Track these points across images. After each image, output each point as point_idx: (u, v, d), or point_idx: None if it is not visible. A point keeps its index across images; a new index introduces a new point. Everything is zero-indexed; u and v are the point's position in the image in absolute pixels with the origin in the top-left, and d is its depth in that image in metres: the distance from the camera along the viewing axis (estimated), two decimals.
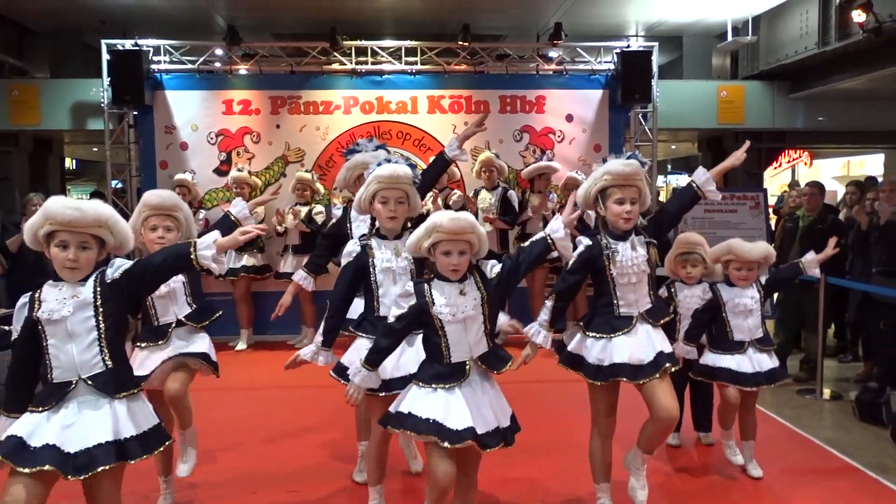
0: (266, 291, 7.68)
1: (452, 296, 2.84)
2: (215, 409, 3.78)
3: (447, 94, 7.99)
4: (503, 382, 3.02)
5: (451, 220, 2.80)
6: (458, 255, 2.83)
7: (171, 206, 3.50)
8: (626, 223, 3.19)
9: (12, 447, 2.43)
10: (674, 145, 16.18)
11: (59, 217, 2.48)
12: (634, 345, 3.17)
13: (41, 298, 2.55)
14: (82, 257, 2.54)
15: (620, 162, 3.17)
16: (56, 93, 10.05)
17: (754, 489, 3.91)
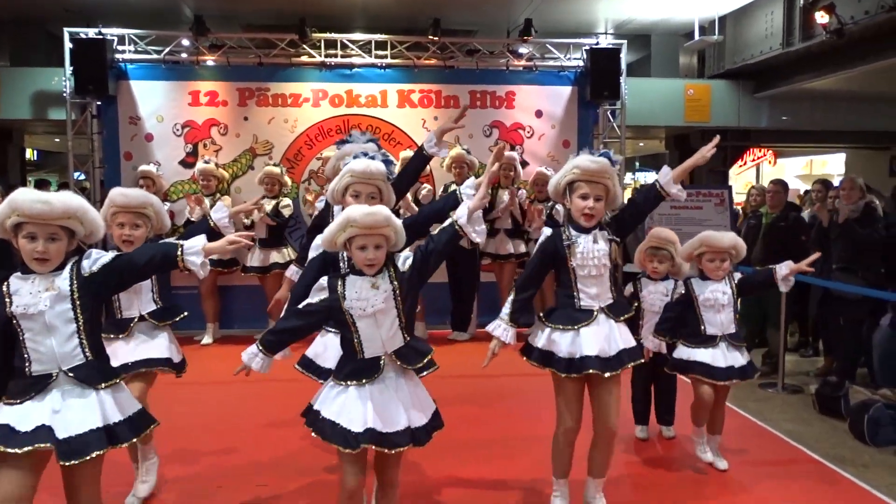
0: (232, 285, 7.62)
1: (364, 290, 2.80)
2: (181, 403, 3.73)
3: (417, 89, 7.98)
4: (469, 376, 3.02)
5: (364, 214, 2.75)
6: (373, 250, 2.78)
7: (137, 206, 3.49)
8: (588, 219, 3.22)
9: (1, 434, 2.40)
10: (642, 142, 16.36)
11: (27, 210, 2.43)
12: (600, 337, 3.20)
13: (11, 292, 2.49)
14: (52, 249, 2.49)
15: (589, 158, 3.20)
16: (17, 81, 9.82)
17: (719, 480, 3.97)
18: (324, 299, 2.82)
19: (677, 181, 3.32)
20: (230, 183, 7.73)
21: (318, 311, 2.84)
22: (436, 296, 7.48)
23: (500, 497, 3.70)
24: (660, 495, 3.77)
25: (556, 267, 3.30)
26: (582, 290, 3.24)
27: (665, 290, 4.36)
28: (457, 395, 5.38)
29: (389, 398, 2.78)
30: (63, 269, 2.54)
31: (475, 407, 5.23)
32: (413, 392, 2.87)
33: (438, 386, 3.21)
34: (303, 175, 7.85)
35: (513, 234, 7.31)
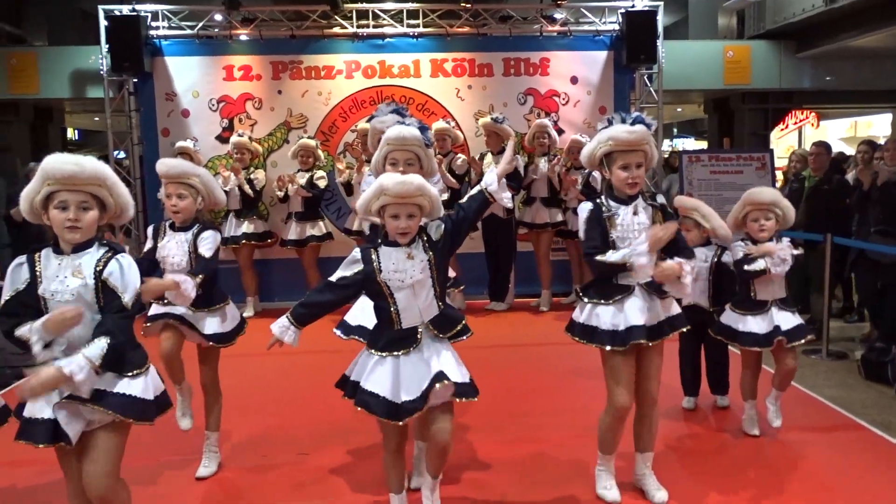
0: (271, 259, 7.70)
1: (400, 261, 2.79)
2: (223, 375, 3.79)
3: (450, 58, 7.90)
4: (508, 345, 3.01)
5: (396, 183, 2.72)
6: (406, 219, 2.76)
7: (177, 175, 3.53)
8: (632, 188, 3.14)
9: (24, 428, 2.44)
10: (679, 107, 16.03)
11: (58, 173, 2.39)
12: (644, 307, 3.13)
13: (43, 273, 2.46)
14: (83, 217, 2.44)
15: (625, 129, 3.09)
16: (54, 61, 9.97)
17: (765, 447, 3.92)
18: (358, 271, 2.81)
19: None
20: (266, 157, 7.78)
21: (353, 284, 2.83)
22: (473, 266, 7.47)
23: (540, 467, 3.71)
24: (710, 466, 3.72)
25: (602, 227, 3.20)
26: (630, 278, 3.14)
27: (704, 256, 4.28)
28: (495, 365, 5.39)
29: (430, 366, 2.77)
30: (91, 247, 2.49)
31: (513, 376, 5.24)
32: (450, 358, 2.86)
33: (476, 355, 3.22)
34: (337, 147, 7.86)
35: (549, 202, 7.24)
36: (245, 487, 3.56)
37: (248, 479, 3.65)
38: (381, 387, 2.76)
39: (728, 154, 7.95)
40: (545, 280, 7.41)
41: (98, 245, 2.51)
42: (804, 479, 3.54)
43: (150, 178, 7.81)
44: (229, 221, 7.32)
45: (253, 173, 7.30)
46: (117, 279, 2.46)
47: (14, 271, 2.49)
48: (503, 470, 3.68)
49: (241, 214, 7.31)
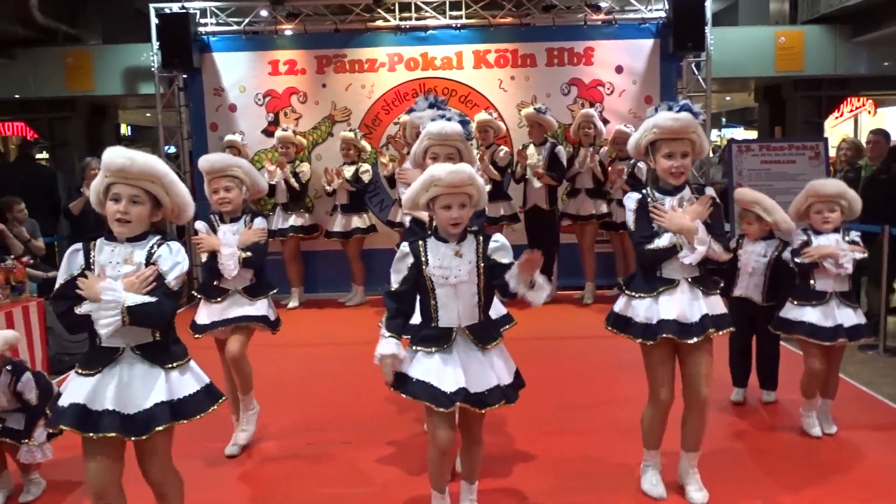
0: (315, 251, 7.79)
1: (447, 257, 2.77)
2: (269, 364, 3.88)
3: (493, 49, 7.86)
4: (549, 338, 2.99)
5: (449, 172, 2.72)
6: (458, 209, 2.75)
7: (221, 169, 3.63)
8: (676, 178, 3.07)
9: (76, 415, 2.43)
10: (728, 96, 15.68)
11: (112, 165, 2.45)
12: (682, 303, 3.05)
13: (95, 255, 2.52)
14: (133, 211, 2.47)
15: (670, 116, 3.03)
16: (108, 59, 10.23)
17: (820, 446, 3.83)
18: (411, 265, 2.80)
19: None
20: (311, 150, 7.87)
21: (408, 278, 2.82)
22: (515, 257, 7.43)
23: (581, 461, 3.69)
24: (762, 465, 3.64)
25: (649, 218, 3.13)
26: (676, 271, 3.08)
27: (763, 250, 4.19)
28: (537, 357, 5.37)
29: (474, 359, 2.79)
30: (145, 240, 2.53)
31: (556, 369, 5.22)
32: (497, 353, 2.86)
33: (519, 347, 3.22)
34: (380, 140, 7.90)
35: (594, 193, 7.16)
36: (291, 474, 3.62)
37: (294, 466, 3.71)
38: (428, 375, 2.77)
39: (780, 143, 7.75)
40: (589, 272, 7.35)
41: (152, 235, 2.56)
42: (859, 480, 3.42)
43: (200, 172, 7.97)
44: (277, 214, 7.44)
45: (298, 167, 7.40)
46: (165, 261, 2.50)
47: (70, 257, 2.56)
48: (543, 463, 3.67)
49: (288, 208, 7.43)
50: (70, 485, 3.52)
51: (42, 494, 3.45)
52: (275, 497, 3.42)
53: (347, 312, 7.32)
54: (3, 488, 3.46)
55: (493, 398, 2.77)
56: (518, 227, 7.32)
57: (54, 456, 3.46)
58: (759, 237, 4.21)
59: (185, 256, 2.56)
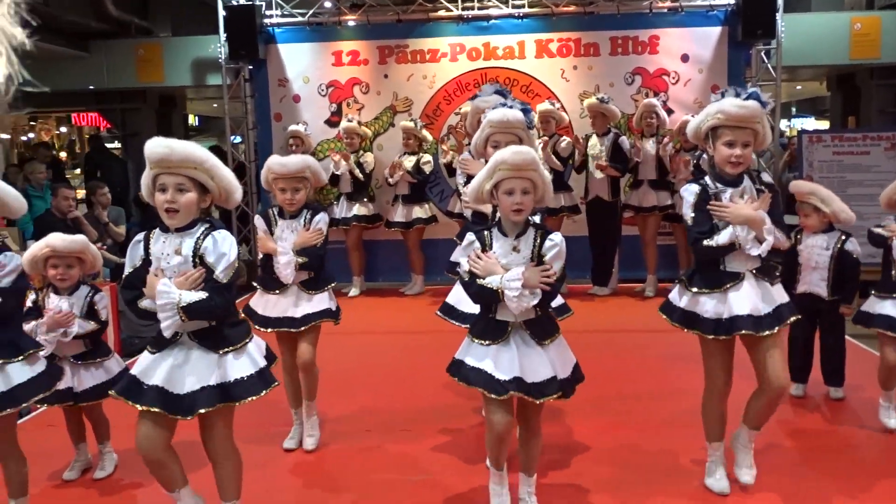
0: (377, 240, 7.87)
1: (504, 250, 2.77)
2: (329, 351, 3.93)
3: (555, 38, 7.78)
4: (610, 331, 2.97)
5: (514, 153, 2.73)
6: (521, 194, 2.73)
7: (296, 171, 3.61)
8: (734, 167, 2.99)
9: (126, 385, 2.62)
10: (799, 85, 15.15)
11: (153, 156, 2.51)
12: (751, 296, 2.98)
13: (151, 251, 2.61)
14: (180, 200, 2.53)
15: (737, 103, 2.93)
16: (178, 50, 10.49)
17: (887, 443, 3.71)
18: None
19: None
20: (372, 140, 7.95)
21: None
22: (576, 249, 7.35)
23: (643, 453, 3.65)
24: (828, 462, 3.54)
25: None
26: (738, 263, 3.00)
27: (825, 243, 4.07)
28: (596, 350, 5.33)
29: (534, 351, 2.78)
30: (193, 228, 2.59)
31: (616, 361, 5.17)
32: (555, 346, 2.85)
33: (578, 339, 3.19)
34: (441, 130, 7.92)
35: (657, 185, 7.03)
36: (347, 460, 3.69)
37: (350, 452, 3.78)
38: (483, 362, 2.78)
39: (853, 134, 7.48)
40: (651, 265, 7.23)
41: (201, 223, 2.62)
42: None
43: (264, 161, 8.14)
44: (341, 204, 7.54)
45: (362, 157, 7.48)
46: (210, 254, 2.57)
47: (133, 248, 2.68)
48: (601, 454, 3.64)
49: (352, 197, 7.52)
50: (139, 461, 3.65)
51: (114, 471, 3.60)
52: (330, 482, 3.49)
53: (407, 301, 7.39)
54: (80, 460, 3.62)
55: (549, 389, 2.76)
56: (579, 219, 7.26)
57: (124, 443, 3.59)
58: (819, 230, 4.08)
59: (232, 245, 2.61)
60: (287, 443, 3.84)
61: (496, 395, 2.73)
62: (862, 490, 3.22)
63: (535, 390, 2.75)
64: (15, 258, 2.87)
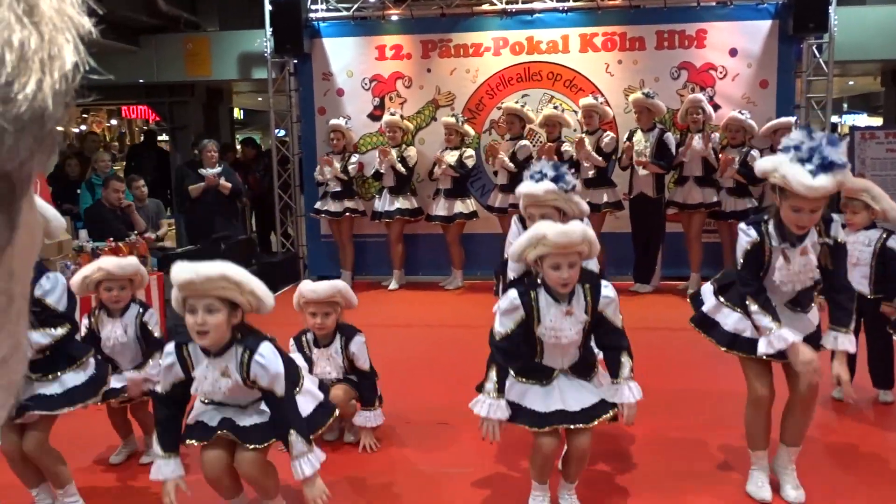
0: (417, 234, 7.90)
1: (558, 318, 2.71)
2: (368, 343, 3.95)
3: (600, 32, 7.70)
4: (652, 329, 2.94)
5: (558, 234, 2.62)
6: (567, 269, 2.64)
7: (326, 297, 3.57)
8: (799, 230, 2.76)
9: (193, 429, 2.80)
10: (851, 80, 14.75)
11: (179, 281, 2.52)
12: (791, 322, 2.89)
13: (193, 373, 2.67)
14: (210, 321, 2.53)
15: (804, 183, 2.57)
16: (225, 44, 10.65)
17: None
18: (520, 322, 2.74)
19: None
20: (414, 134, 7.97)
21: (519, 335, 2.78)
22: (619, 246, 7.31)
23: (687, 454, 3.61)
24: (873, 469, 3.45)
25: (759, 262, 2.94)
26: (772, 296, 2.92)
27: (867, 240, 3.97)
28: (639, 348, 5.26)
29: (577, 383, 2.82)
30: (231, 348, 2.64)
31: (659, 359, 5.10)
32: (597, 378, 2.90)
33: None
34: (483, 125, 7.91)
35: (702, 181, 6.92)
36: (387, 452, 3.72)
37: (390, 444, 3.81)
38: (523, 398, 2.81)
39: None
40: (695, 263, 7.13)
41: (236, 344, 2.64)
42: None
43: (307, 154, 8.24)
44: (383, 197, 7.58)
45: (405, 151, 7.50)
46: (264, 379, 2.64)
47: (167, 367, 2.71)
48: (641, 454, 3.61)
49: (395, 191, 7.54)
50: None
51: None
52: (371, 474, 3.52)
53: (446, 295, 7.40)
54: (127, 447, 3.72)
55: (598, 411, 2.77)
56: (622, 215, 7.18)
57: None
58: (863, 226, 3.98)
59: (277, 360, 2.67)
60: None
61: (538, 428, 2.74)
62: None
63: (582, 416, 2.75)
64: (60, 279, 2.95)
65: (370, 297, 7.15)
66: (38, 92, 0.38)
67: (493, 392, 2.77)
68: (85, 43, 0.41)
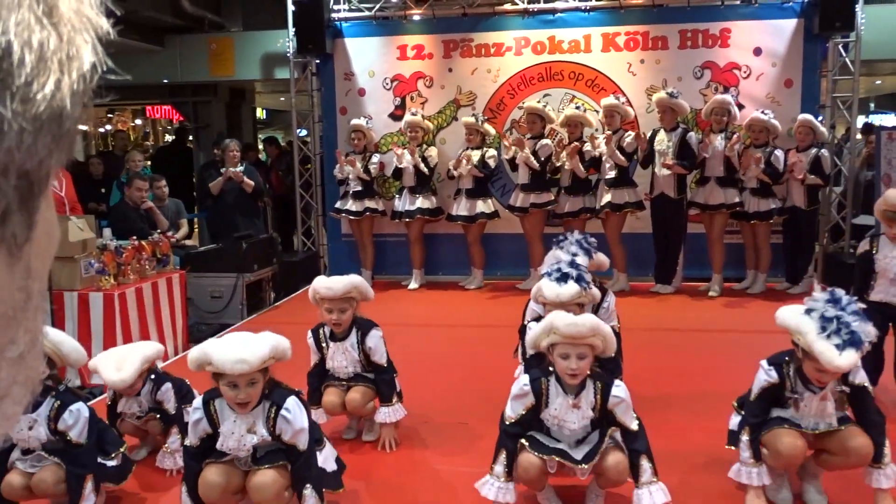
0: (437, 234, 7.90)
1: (563, 408, 2.75)
2: (388, 342, 3.96)
3: (622, 31, 7.65)
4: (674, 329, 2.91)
5: (567, 325, 2.67)
6: (576, 360, 2.69)
7: (342, 294, 3.57)
8: (821, 384, 2.83)
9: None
10: (878, 80, 14.53)
11: (230, 371, 2.57)
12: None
13: (220, 429, 2.70)
14: (252, 392, 2.65)
15: (828, 359, 2.65)
16: (248, 45, 10.74)
17: None
18: (530, 407, 2.78)
19: None
20: (435, 134, 7.97)
21: (524, 420, 2.82)
22: (640, 246, 7.27)
23: (709, 456, 3.58)
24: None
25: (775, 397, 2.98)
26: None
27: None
28: (662, 349, 5.24)
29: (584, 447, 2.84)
30: (259, 405, 2.69)
31: (681, 360, 5.07)
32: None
33: (641, 337, 3.16)
34: (504, 125, 7.89)
35: (725, 182, 6.85)
36: (406, 451, 3.72)
37: (409, 443, 3.81)
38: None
39: None
40: (717, 264, 7.06)
41: (264, 400, 2.71)
42: None
43: (329, 154, 8.29)
44: (403, 197, 7.59)
45: (426, 150, 7.51)
46: (288, 433, 2.68)
47: (195, 422, 2.76)
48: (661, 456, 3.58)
49: (415, 190, 7.55)
50: None
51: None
52: (389, 475, 3.53)
53: (466, 295, 7.40)
54: (147, 445, 3.77)
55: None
56: (643, 216, 7.14)
57: None
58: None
59: (302, 415, 2.72)
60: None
61: (536, 452, 2.79)
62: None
63: (584, 460, 2.78)
64: (82, 413, 2.99)
65: (390, 296, 7.17)
66: (56, 92, 0.38)
67: (502, 475, 2.79)
68: (103, 44, 0.42)
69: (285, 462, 2.73)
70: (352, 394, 3.67)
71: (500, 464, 2.79)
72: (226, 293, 6.60)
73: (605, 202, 6.97)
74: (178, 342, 5.77)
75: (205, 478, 2.71)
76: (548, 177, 7.25)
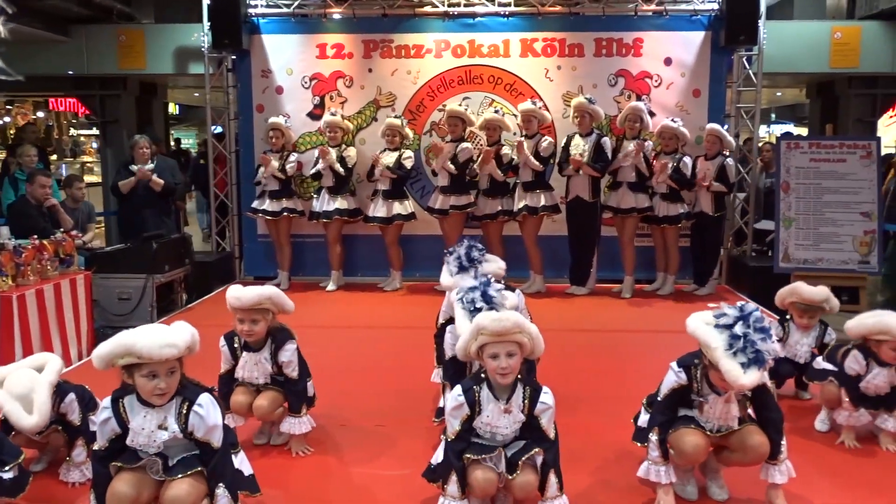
0: (355, 234, 7.85)
1: (495, 414, 2.79)
2: (305, 346, 3.89)
3: (540, 37, 7.80)
4: (587, 330, 2.97)
5: (493, 321, 2.72)
6: (506, 358, 2.73)
7: (252, 305, 3.45)
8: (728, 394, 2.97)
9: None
10: (779, 91, 15.32)
11: (156, 356, 2.51)
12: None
13: (129, 425, 2.61)
14: (171, 382, 2.59)
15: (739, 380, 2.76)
16: (160, 38, 10.36)
17: None
18: (467, 417, 2.80)
19: None
20: (355, 135, 7.91)
21: (465, 435, 2.82)
22: (555, 249, 7.43)
23: (623, 454, 3.68)
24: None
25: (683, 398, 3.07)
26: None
27: (812, 340, 4.16)
28: (576, 349, 5.36)
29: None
30: (172, 400, 2.63)
31: (593, 361, 5.20)
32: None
33: (557, 338, 3.21)
34: (424, 127, 7.91)
35: (635, 187, 7.08)
36: (323, 455, 3.68)
37: (326, 446, 3.76)
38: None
39: (830, 141, 7.55)
40: (628, 266, 7.29)
41: (176, 396, 2.64)
42: None
43: (245, 152, 8.10)
44: (322, 197, 7.49)
45: (345, 151, 7.44)
46: (201, 430, 2.63)
47: (103, 422, 2.65)
48: (582, 455, 3.66)
49: (333, 191, 7.46)
50: None
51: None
52: (302, 479, 3.47)
53: (384, 297, 7.37)
54: (47, 455, 3.57)
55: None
56: (559, 218, 7.30)
57: None
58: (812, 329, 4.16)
59: (216, 412, 2.67)
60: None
61: (475, 455, 2.81)
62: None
63: (515, 457, 2.81)
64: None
65: (308, 297, 7.07)
66: None
67: (457, 494, 2.79)
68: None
69: (201, 468, 2.65)
70: (259, 400, 3.58)
71: (452, 483, 2.80)
72: (134, 295, 6.35)
73: (521, 205, 7.08)
74: (83, 347, 5.52)
75: (114, 488, 2.59)
76: (467, 179, 7.31)
